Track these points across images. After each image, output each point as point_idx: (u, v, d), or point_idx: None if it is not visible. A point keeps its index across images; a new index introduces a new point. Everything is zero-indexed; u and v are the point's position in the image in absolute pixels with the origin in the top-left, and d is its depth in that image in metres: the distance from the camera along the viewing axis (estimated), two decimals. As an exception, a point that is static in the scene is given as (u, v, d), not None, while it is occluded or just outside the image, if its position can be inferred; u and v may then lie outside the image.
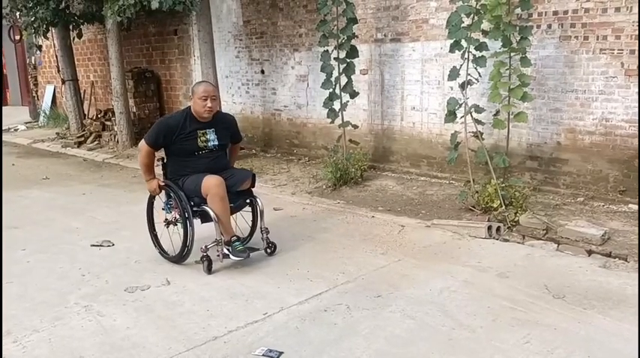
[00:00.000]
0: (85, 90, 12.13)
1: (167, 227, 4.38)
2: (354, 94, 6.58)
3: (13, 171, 8.34)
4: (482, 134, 5.37)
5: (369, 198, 6.03)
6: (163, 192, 4.36)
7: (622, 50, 5.14)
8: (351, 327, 3.27)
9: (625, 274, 3.83)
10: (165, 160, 4.38)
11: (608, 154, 5.40)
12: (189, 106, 4.24)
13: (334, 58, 6.43)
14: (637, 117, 5.16)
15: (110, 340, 3.23)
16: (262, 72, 8.65)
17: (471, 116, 5.28)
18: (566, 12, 5.43)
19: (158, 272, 4.19)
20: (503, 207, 4.97)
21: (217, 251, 4.07)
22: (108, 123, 10.50)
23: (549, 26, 5.55)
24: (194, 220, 4.17)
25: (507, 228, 4.79)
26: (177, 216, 4.24)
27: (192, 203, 4.13)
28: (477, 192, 5.30)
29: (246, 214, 4.54)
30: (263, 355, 3.01)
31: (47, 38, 10.34)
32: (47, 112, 13.60)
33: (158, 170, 4.40)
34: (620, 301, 3.43)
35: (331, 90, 6.55)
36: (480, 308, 3.43)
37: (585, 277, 3.82)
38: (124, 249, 4.77)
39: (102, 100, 12.21)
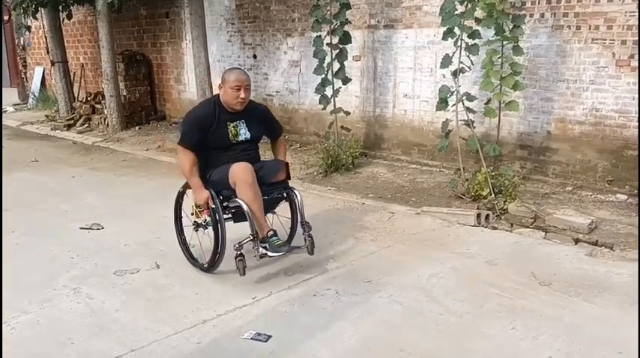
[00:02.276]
0: (74, 73, 11.99)
1: (196, 230, 3.92)
2: (346, 81, 6.56)
3: (2, 154, 8.25)
4: (473, 122, 5.38)
5: (359, 184, 6.04)
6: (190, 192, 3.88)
7: (613, 40, 5.16)
8: (339, 312, 3.29)
9: (611, 262, 3.88)
10: None
11: (597, 144, 5.44)
12: (217, 95, 3.84)
13: (327, 44, 6.40)
14: (628, 108, 5.20)
15: (99, 322, 3.23)
16: (254, 57, 8.59)
17: (463, 104, 5.29)
18: (559, 1, 5.43)
19: (148, 256, 4.19)
20: (493, 195, 5.00)
21: (253, 248, 3.58)
22: (98, 106, 10.42)
23: (542, 15, 5.55)
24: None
25: (496, 216, 4.82)
26: (207, 218, 3.78)
27: (221, 197, 3.71)
28: (467, 180, 5.33)
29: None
30: (252, 338, 3.03)
31: (36, 19, 10.20)
32: (36, 94, 13.45)
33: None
34: (606, 289, 3.48)
35: (323, 76, 6.53)
36: (467, 294, 3.47)
37: (572, 265, 3.87)
38: (114, 232, 4.76)
39: (92, 83, 12.09)
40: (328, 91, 6.59)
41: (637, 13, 4.95)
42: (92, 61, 11.87)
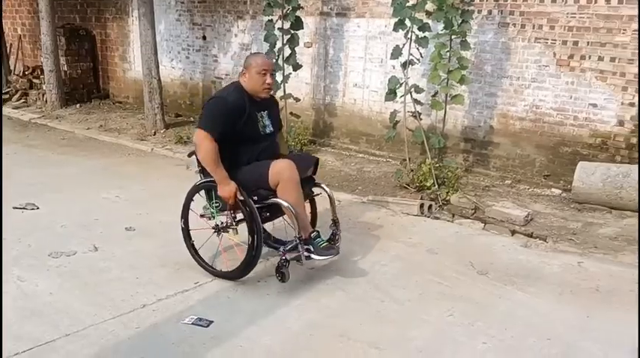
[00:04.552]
0: (11, 44, 11.36)
1: (218, 235, 3.53)
2: (297, 67, 6.52)
3: None
4: (420, 114, 5.48)
5: (307, 171, 6.04)
6: (204, 190, 3.49)
7: (555, 40, 5.36)
8: (283, 298, 3.29)
9: (544, 253, 4.05)
10: None
11: (535, 140, 5.66)
12: (237, 82, 3.44)
13: (278, 29, 6.34)
14: (566, 106, 5.42)
15: (31, 305, 3.10)
16: (204, 38, 8.40)
17: (411, 96, 5.37)
18: (506, -1, 5.59)
19: (85, 238, 4.05)
20: (436, 186, 5.12)
21: (299, 252, 3.28)
22: (36, 81, 9.93)
23: (490, 12, 5.69)
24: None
25: (439, 206, 4.94)
26: (229, 220, 3.41)
27: (255, 198, 3.30)
28: (412, 170, 5.43)
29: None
30: (192, 323, 2.99)
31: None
32: (-32, 65, 12.66)
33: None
34: (538, 278, 3.64)
35: (274, 61, 6.46)
36: (408, 282, 3.55)
37: (508, 255, 4.02)
38: (49, 212, 4.56)
39: (30, 57, 11.47)
40: (278, 77, 6.52)
41: (637, 12, 5.06)
42: (31, 33, 11.25)
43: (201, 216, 3.53)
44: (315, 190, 3.68)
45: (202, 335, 2.89)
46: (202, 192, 3.51)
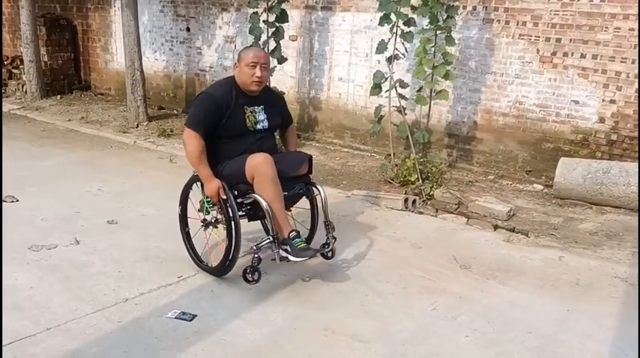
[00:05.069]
0: (-11, 34, 11.13)
1: (205, 229, 3.48)
2: (281, 60, 6.49)
3: None
4: (405, 109, 5.49)
5: (291, 165, 6.02)
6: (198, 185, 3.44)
7: (539, 37, 5.40)
8: (267, 292, 3.29)
9: (525, 248, 4.10)
10: None
11: (518, 136, 5.71)
12: (232, 76, 3.42)
13: (263, 22, 6.30)
14: (548, 103, 5.48)
15: (10, 300, 3.05)
16: (188, 30, 8.31)
17: (396, 90, 5.38)
18: (491, -5, 5.61)
19: (66, 231, 3.99)
20: (420, 181, 5.15)
21: (272, 251, 3.21)
22: (15, 71, 9.74)
23: (474, 8, 5.71)
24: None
25: (423, 201, 4.97)
26: (219, 216, 3.36)
27: (235, 192, 3.26)
28: (396, 165, 5.44)
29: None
30: (176, 317, 2.97)
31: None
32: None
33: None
34: (520, 272, 3.68)
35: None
36: (392, 276, 3.56)
37: (490, 250, 4.06)
38: (30, 205, 4.49)
39: (9, 46, 11.25)
40: (263, 70, 6.48)
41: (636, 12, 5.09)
42: (10, 22, 11.03)
43: (199, 210, 3.49)
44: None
45: (186, 329, 2.88)
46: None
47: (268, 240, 3.22)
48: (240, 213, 3.29)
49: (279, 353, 2.73)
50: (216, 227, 3.44)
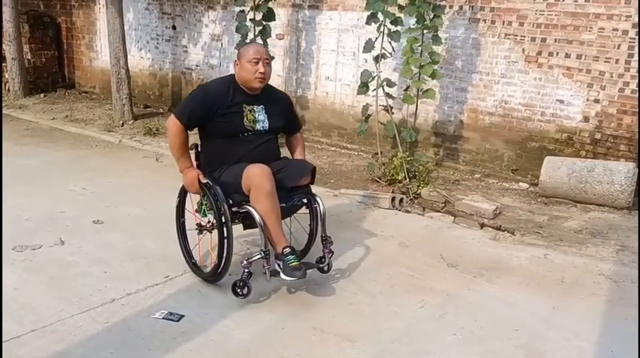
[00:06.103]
0: (-29, 31, 10.95)
1: (199, 234, 3.38)
2: (268, 59, 6.45)
3: None
4: (392, 108, 5.51)
5: (278, 164, 6.01)
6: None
7: (524, 37, 5.45)
8: (254, 292, 3.27)
9: (512, 246, 4.14)
10: (199, 147, 3.35)
11: (504, 135, 5.76)
12: (232, 74, 3.31)
13: (250, 20, 6.28)
14: (533, 102, 5.54)
15: (-5, 301, 3.01)
16: (174, 28, 8.26)
17: (383, 89, 5.39)
18: (477, -5, 5.65)
19: (51, 231, 3.94)
20: (407, 180, 5.17)
21: (263, 266, 3.07)
22: (-3, 69, 9.60)
23: (461, 7, 5.75)
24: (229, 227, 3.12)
25: (410, 200, 4.99)
26: (215, 221, 3.20)
27: (230, 201, 3.11)
28: (383, 164, 5.46)
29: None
30: (163, 318, 2.95)
31: None
32: None
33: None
34: (506, 270, 3.71)
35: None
36: (380, 274, 3.57)
37: (477, 248, 4.09)
38: (14, 205, 4.43)
39: (-9, 43, 11.10)
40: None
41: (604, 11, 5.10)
42: (-8, 20, 10.88)
43: (196, 211, 3.41)
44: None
45: (173, 329, 2.86)
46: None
47: (259, 256, 3.10)
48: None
49: (268, 352, 2.72)
50: (211, 232, 3.34)
